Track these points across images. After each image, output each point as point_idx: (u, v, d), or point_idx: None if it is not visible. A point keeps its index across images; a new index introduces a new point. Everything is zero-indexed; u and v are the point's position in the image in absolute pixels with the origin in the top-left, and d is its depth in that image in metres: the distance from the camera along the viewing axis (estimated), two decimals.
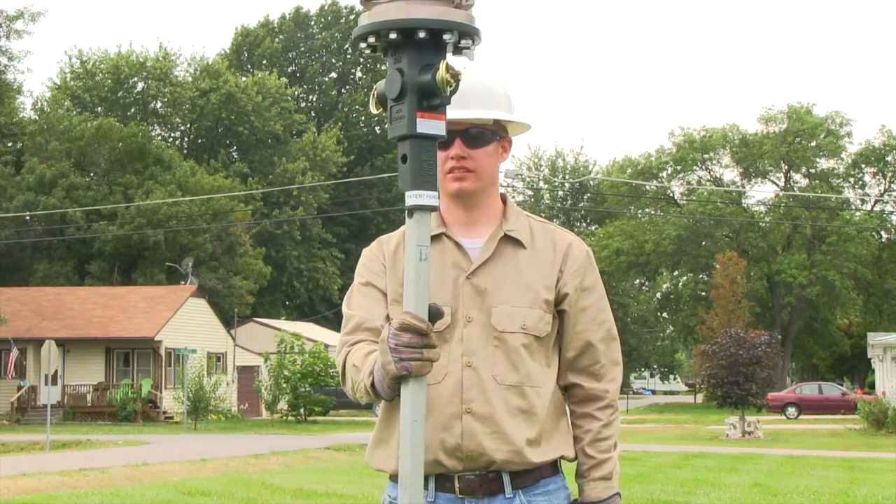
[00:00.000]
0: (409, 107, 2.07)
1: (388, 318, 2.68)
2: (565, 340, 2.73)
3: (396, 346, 2.23)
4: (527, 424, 2.64)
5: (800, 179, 62.80)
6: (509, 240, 2.73)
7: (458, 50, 2.13)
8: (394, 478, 2.67)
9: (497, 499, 2.64)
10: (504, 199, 2.81)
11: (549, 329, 2.71)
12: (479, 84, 2.70)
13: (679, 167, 62.32)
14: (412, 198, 2.09)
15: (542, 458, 2.66)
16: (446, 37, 2.08)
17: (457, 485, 2.63)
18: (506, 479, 2.64)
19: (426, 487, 2.61)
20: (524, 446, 2.62)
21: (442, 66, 2.05)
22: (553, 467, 2.72)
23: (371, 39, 2.10)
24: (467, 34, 2.11)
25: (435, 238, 2.71)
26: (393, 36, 2.06)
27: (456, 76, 2.06)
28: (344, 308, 2.77)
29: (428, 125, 2.08)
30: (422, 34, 2.05)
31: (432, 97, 2.07)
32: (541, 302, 2.69)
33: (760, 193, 64.40)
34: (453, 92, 2.08)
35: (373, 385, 2.43)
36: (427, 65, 2.07)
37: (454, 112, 2.62)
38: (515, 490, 2.65)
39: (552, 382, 2.73)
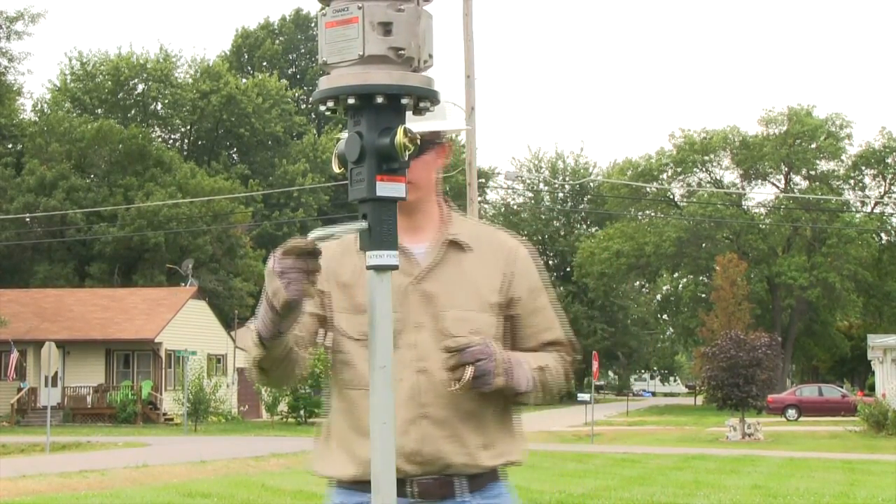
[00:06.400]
0: (368, 170, 2.09)
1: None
2: (521, 341, 2.77)
3: (283, 271, 2.22)
4: (479, 428, 2.67)
5: (800, 181, 62.76)
6: (454, 244, 2.74)
7: (418, 111, 2.15)
8: (343, 484, 2.68)
9: (450, 503, 2.66)
10: (446, 204, 2.82)
11: (499, 332, 2.73)
12: None
13: (679, 169, 62.29)
14: (373, 258, 2.12)
15: (495, 461, 2.70)
16: (404, 101, 2.10)
17: (412, 489, 2.63)
18: (459, 482, 2.66)
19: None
20: (478, 450, 2.66)
21: (400, 130, 2.07)
22: (501, 472, 2.76)
23: (330, 103, 2.12)
24: (425, 97, 2.13)
25: None
26: (351, 101, 2.09)
27: (414, 140, 2.07)
28: None
29: (387, 188, 2.10)
30: (380, 99, 2.07)
31: (391, 161, 2.09)
32: (489, 305, 2.71)
33: (760, 195, 64.49)
34: (412, 156, 2.09)
35: (259, 337, 2.40)
36: (386, 128, 2.08)
37: None
38: (469, 493, 2.67)
39: None
